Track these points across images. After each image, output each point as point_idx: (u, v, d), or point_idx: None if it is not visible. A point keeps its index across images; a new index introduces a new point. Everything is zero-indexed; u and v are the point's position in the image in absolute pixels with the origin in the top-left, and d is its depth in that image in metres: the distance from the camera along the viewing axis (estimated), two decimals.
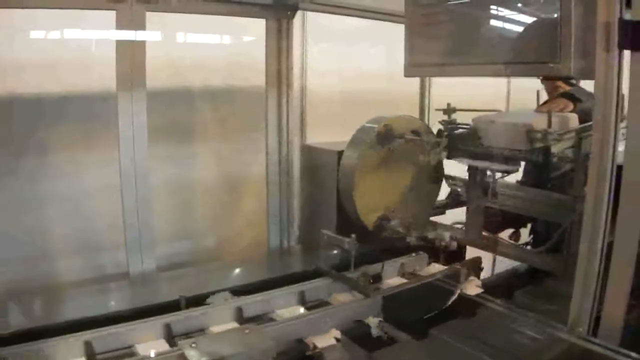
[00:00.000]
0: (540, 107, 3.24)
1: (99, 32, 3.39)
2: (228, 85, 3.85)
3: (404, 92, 4.30)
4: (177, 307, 2.56)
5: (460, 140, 2.89)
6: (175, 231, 3.73)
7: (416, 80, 4.50)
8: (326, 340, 2.34)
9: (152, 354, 2.19)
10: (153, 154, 3.29)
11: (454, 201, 3.50)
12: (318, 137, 4.03)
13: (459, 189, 3.47)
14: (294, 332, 2.34)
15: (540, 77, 3.39)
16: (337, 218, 3.19)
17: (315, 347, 2.29)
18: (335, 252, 2.98)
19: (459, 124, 2.93)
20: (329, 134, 3.93)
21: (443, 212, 3.46)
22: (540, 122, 2.65)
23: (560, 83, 3.36)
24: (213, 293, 2.66)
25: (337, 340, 2.32)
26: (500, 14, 2.56)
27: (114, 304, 2.92)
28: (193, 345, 2.17)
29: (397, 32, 4.19)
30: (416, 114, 4.50)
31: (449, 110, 2.96)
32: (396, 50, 4.27)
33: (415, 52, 2.73)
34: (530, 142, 2.64)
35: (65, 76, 3.38)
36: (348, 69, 4.28)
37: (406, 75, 2.82)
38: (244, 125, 3.97)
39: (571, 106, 3.10)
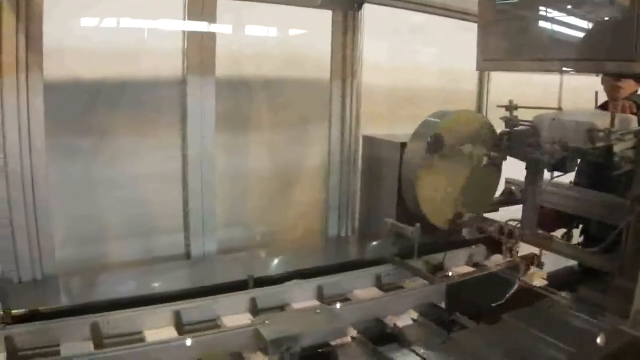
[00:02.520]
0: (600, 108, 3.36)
1: (164, 22, 3.57)
2: (284, 77, 4.00)
3: (457, 89, 4.42)
4: (245, 286, 2.77)
5: (520, 137, 3.01)
6: (229, 218, 3.87)
7: (469, 78, 4.64)
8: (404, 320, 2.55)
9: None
10: None
11: (507, 199, 3.63)
12: (370, 130, 4.13)
13: (513, 188, 3.61)
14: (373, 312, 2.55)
15: (601, 78, 3.50)
16: (396, 209, 3.34)
17: (396, 326, 2.47)
18: (394, 241, 3.16)
19: (521, 121, 3.06)
20: (380, 127, 4.11)
21: (497, 210, 3.59)
22: (602, 122, 2.78)
23: (620, 84, 3.46)
24: (281, 275, 2.87)
25: (414, 320, 2.50)
26: (574, 10, 2.64)
27: (198, 279, 3.15)
28: (267, 322, 2.36)
29: (454, 29, 4.40)
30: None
31: (511, 107, 3.07)
32: (450, 47, 4.46)
33: (488, 47, 2.84)
34: (591, 141, 2.77)
35: (128, 64, 3.54)
36: (402, 64, 4.40)
37: (478, 69, 2.95)
38: (300, 117, 4.12)
39: (634, 109, 3.20)
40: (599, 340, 2.27)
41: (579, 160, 2.99)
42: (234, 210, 3.82)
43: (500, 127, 3.05)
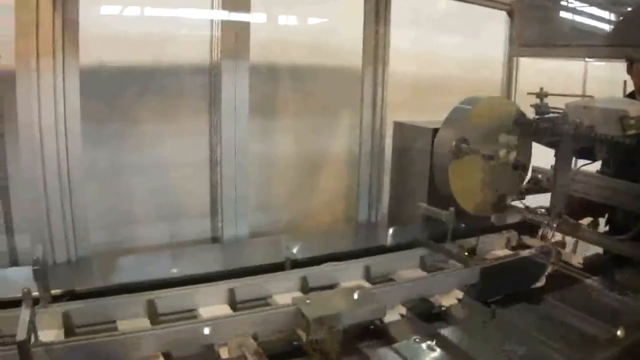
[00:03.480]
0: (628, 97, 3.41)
1: (193, 9, 3.66)
2: (311, 64, 4.07)
3: (477, 77, 4.47)
4: (281, 267, 2.85)
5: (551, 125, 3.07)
6: (258, 202, 3.95)
7: (488, 66, 4.70)
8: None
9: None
10: None
11: (534, 187, 3.69)
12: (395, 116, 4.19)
13: (539, 175, 3.68)
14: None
15: (626, 67, 3.55)
16: (427, 194, 3.41)
17: (441, 305, 2.56)
18: (425, 226, 3.24)
19: (553, 108, 3.12)
20: (401, 114, 4.16)
21: (523, 197, 3.66)
22: (633, 109, 2.84)
23: None
24: (314, 257, 2.95)
25: (459, 300, 2.59)
26: None
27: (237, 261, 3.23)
28: (308, 302, 2.43)
29: (481, 17, 4.47)
30: None
31: (541, 95, 3.12)
32: (476, 36, 4.52)
33: (523, 33, 2.91)
34: (623, 128, 2.83)
35: (156, 51, 3.61)
36: (422, 51, 4.45)
37: (512, 55, 3.03)
38: (327, 104, 4.19)
39: None
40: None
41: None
42: (262, 195, 3.89)
43: (530, 115, 3.12)
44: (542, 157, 3.30)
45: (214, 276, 2.71)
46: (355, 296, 2.49)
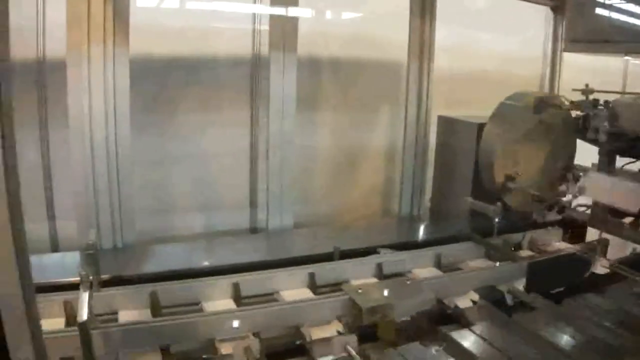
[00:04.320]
0: None
1: (238, 3, 3.75)
2: (354, 57, 4.11)
3: (512, 72, 4.47)
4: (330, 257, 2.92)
5: (597, 121, 3.04)
6: (301, 194, 3.99)
7: (522, 62, 4.72)
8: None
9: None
10: None
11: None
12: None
13: (581, 174, 3.69)
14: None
15: None
16: (471, 189, 3.43)
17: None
18: (468, 220, 3.30)
19: (599, 104, 3.13)
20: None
21: (563, 195, 3.68)
22: None
23: None
24: (364, 248, 3.03)
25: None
26: None
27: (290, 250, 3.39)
28: (359, 291, 2.49)
29: (520, 15, 4.49)
30: None
31: (587, 91, 3.13)
32: (515, 32, 4.54)
33: (576, 29, 2.93)
34: None
35: (200, 43, 3.69)
36: (458, 46, 4.43)
37: (565, 51, 3.05)
38: (369, 97, 4.24)
39: None
40: None
41: None
42: (301, 188, 3.94)
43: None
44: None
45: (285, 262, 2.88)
46: (406, 286, 2.55)
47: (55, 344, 1.90)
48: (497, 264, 2.93)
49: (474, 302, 2.65)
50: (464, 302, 2.66)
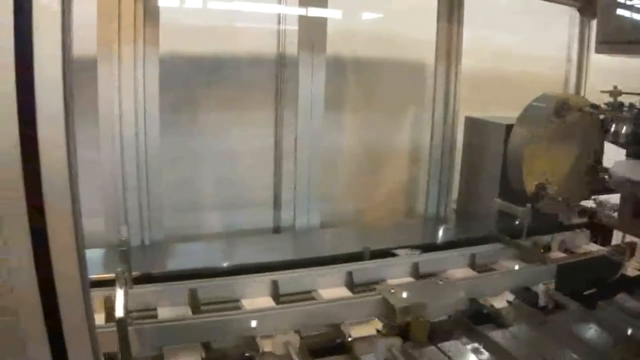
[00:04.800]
0: None
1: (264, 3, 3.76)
2: (380, 58, 4.12)
3: (542, 75, 4.48)
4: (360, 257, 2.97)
5: (625, 123, 3.07)
6: (328, 193, 4.00)
7: (554, 64, 4.73)
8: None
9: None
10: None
11: (599, 187, 3.70)
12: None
13: (606, 177, 3.69)
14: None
15: None
16: (499, 190, 3.44)
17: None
18: (496, 221, 3.31)
19: (626, 107, 3.12)
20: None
21: (589, 197, 3.68)
22: None
23: None
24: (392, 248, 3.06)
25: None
26: None
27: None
28: (392, 291, 2.51)
29: (543, 15, 4.49)
30: None
31: (615, 93, 3.14)
32: (538, 33, 4.54)
33: (607, 30, 2.92)
34: None
35: (225, 42, 3.72)
36: (479, 47, 4.45)
37: (597, 52, 3.03)
38: (395, 97, 4.26)
39: None
40: None
41: None
42: (325, 187, 3.96)
43: None
44: None
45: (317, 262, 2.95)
46: (439, 286, 2.57)
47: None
48: (529, 265, 2.94)
49: (510, 303, 2.67)
50: (499, 303, 2.71)
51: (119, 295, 2.07)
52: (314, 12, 3.44)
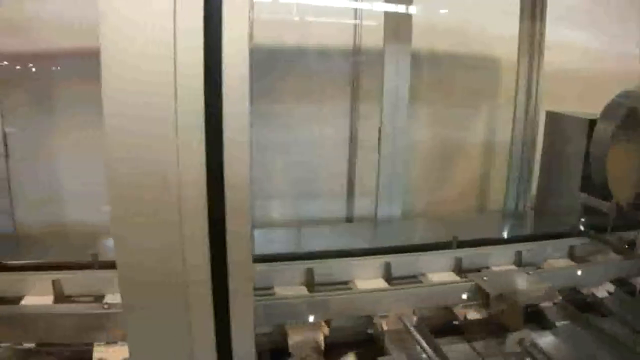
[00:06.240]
0: None
1: None
2: (455, 52, 4.22)
3: (614, 71, 4.51)
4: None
5: None
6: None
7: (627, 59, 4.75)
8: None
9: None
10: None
11: None
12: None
13: None
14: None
15: None
16: (581, 186, 3.51)
17: None
18: (579, 216, 3.41)
19: None
20: None
21: None
22: None
23: None
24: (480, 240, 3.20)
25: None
26: None
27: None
28: (485, 278, 2.63)
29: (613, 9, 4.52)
30: None
31: None
32: (607, 28, 4.56)
33: None
34: None
35: (301, 34, 3.87)
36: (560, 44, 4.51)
37: None
38: (466, 92, 4.35)
39: None
40: None
41: None
42: (408, 178, 4.12)
43: None
44: None
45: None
46: (528, 277, 2.68)
47: None
48: (626, 258, 3.03)
49: (610, 293, 2.78)
50: (600, 293, 2.82)
51: None
52: (399, 6, 3.55)
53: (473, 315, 2.54)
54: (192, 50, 1.17)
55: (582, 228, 3.34)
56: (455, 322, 2.55)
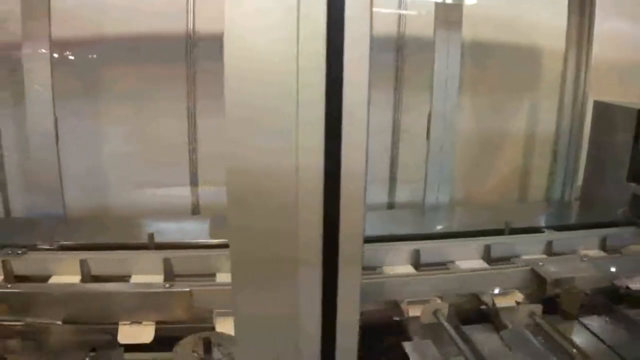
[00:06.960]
0: None
1: None
2: (497, 40, 4.26)
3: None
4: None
5: None
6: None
7: None
8: None
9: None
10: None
11: None
12: None
13: None
14: None
15: None
16: (627, 176, 3.56)
17: None
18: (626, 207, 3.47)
19: None
20: None
21: None
22: None
23: None
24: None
25: None
26: None
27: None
28: (540, 264, 2.68)
29: None
30: None
31: None
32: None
33: None
34: None
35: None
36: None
37: None
38: (509, 82, 4.40)
39: None
40: None
41: None
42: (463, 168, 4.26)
43: None
44: None
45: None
46: (583, 264, 2.74)
47: None
48: None
49: None
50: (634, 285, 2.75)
51: None
52: None
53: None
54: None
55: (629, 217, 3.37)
56: None
